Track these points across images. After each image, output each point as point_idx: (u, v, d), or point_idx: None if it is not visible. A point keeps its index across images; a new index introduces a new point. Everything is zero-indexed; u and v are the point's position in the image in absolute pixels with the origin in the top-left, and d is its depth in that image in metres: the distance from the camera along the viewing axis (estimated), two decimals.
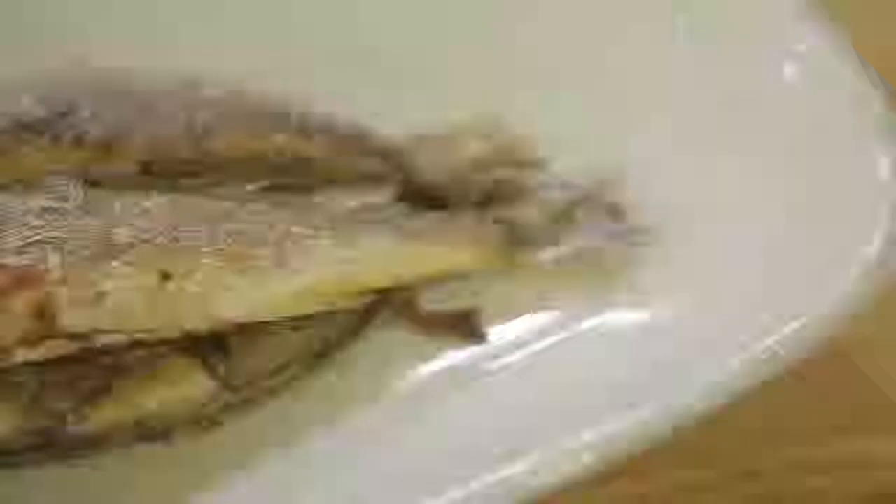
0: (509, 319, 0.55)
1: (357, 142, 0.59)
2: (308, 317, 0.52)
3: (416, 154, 0.61)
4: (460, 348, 0.54)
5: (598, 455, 0.45)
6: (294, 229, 0.53)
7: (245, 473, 0.48)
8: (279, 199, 0.55)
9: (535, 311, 0.55)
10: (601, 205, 0.60)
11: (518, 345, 0.54)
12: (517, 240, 0.58)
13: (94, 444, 0.48)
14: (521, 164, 0.63)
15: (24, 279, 0.45)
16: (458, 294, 0.56)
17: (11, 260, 0.46)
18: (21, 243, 0.47)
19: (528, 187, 0.61)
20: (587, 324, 0.54)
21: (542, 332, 0.54)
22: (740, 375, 0.47)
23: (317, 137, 0.58)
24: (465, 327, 0.54)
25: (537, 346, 0.54)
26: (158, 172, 0.54)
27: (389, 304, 0.55)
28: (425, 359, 0.54)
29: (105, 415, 0.48)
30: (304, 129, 0.59)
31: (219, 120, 0.57)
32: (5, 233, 0.47)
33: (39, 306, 0.45)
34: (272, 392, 0.51)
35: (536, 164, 0.63)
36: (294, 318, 0.51)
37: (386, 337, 0.54)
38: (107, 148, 0.53)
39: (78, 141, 0.53)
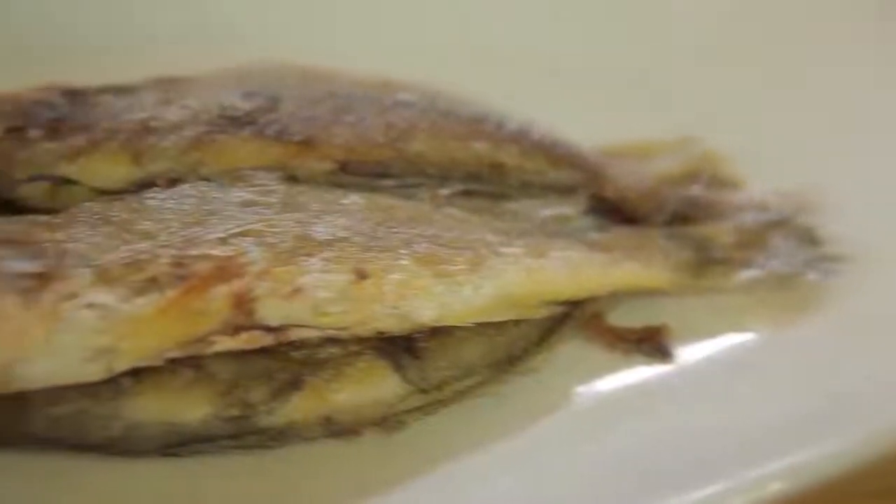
0: (698, 340, 0.54)
1: (550, 152, 0.59)
2: (496, 324, 0.52)
3: (608, 167, 0.61)
4: (647, 366, 0.53)
5: (786, 484, 0.44)
6: (488, 236, 0.53)
7: (425, 475, 0.48)
8: (474, 205, 0.56)
9: (724, 334, 0.55)
10: (797, 230, 0.59)
11: (706, 367, 0.53)
12: (708, 259, 0.58)
13: (283, 435, 0.49)
14: (717, 183, 0.62)
15: (225, 270, 0.46)
16: (647, 310, 0.56)
17: (214, 250, 0.47)
18: (223, 234, 0.48)
19: (723, 207, 0.60)
20: (777, 351, 0.53)
21: (731, 356, 0.54)
22: None
23: (510, 145, 0.58)
24: (653, 345, 0.54)
25: (725, 370, 0.53)
26: (355, 172, 0.55)
27: (577, 316, 0.54)
28: (610, 374, 0.53)
29: (295, 408, 0.49)
30: (499, 135, 0.58)
31: (415, 123, 0.57)
32: (209, 223, 0.48)
33: (239, 297, 0.46)
34: (458, 397, 0.51)
35: (733, 184, 0.62)
36: (483, 325, 0.51)
37: (572, 349, 0.54)
38: (307, 145, 0.54)
39: (280, 136, 0.54)
